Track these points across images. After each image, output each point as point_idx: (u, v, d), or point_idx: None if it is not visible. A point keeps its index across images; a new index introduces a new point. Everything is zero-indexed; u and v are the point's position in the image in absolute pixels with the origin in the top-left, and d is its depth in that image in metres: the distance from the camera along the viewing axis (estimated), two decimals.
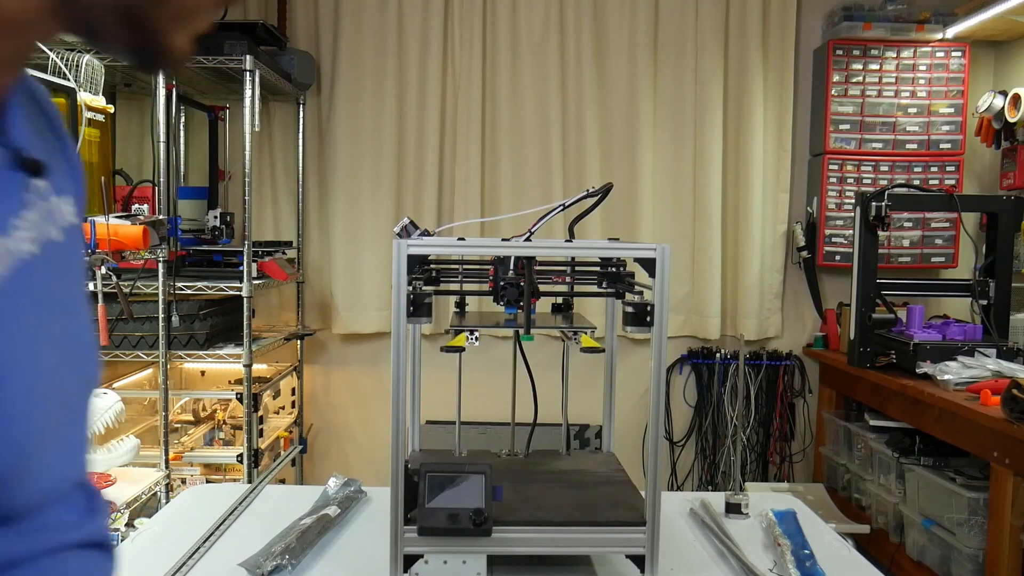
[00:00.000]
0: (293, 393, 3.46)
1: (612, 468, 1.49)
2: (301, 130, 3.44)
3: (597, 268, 1.41)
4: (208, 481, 2.86)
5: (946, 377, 2.57)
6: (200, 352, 2.74)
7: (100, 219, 1.92)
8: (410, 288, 1.17)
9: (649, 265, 1.16)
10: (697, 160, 3.47)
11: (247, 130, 2.71)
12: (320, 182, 3.51)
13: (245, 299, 2.73)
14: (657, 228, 3.49)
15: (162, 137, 2.50)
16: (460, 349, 1.31)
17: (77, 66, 2.08)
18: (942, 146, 3.45)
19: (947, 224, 3.47)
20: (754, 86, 3.44)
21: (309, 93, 3.44)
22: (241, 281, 2.73)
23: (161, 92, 2.49)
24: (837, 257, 3.47)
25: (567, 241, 1.32)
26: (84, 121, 1.98)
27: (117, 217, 2.04)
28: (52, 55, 1.99)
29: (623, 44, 3.42)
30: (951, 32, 3.36)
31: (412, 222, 1.35)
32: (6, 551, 0.55)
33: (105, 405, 2.28)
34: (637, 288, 1.24)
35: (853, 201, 3.38)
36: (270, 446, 3.08)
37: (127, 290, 2.29)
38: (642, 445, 3.44)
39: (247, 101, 2.68)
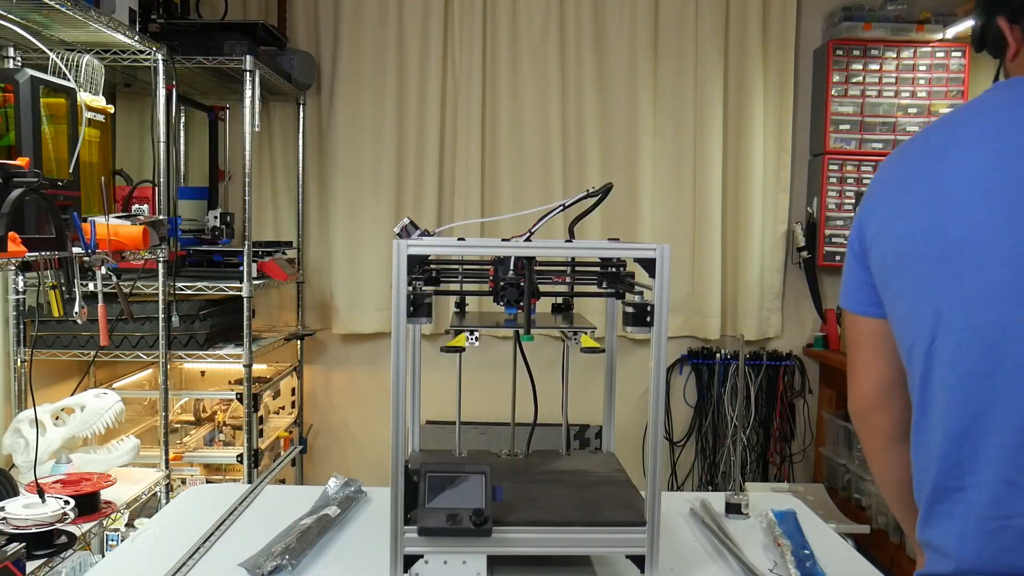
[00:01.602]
0: (293, 393, 3.46)
1: (612, 468, 1.49)
2: (301, 130, 3.44)
3: (597, 268, 1.41)
4: (208, 481, 2.86)
5: None
6: (200, 352, 2.74)
7: (100, 219, 1.92)
8: (410, 288, 1.16)
9: (649, 265, 1.16)
10: (697, 160, 3.47)
11: (247, 130, 2.71)
12: (320, 182, 3.51)
13: (245, 299, 2.73)
14: (657, 228, 3.49)
15: (162, 137, 2.50)
16: (460, 349, 1.31)
17: (77, 66, 2.08)
18: None
19: None
20: (754, 86, 3.44)
21: (309, 93, 3.44)
22: (241, 281, 2.73)
23: (161, 92, 2.49)
24: (837, 257, 3.47)
25: (567, 241, 1.32)
26: (84, 121, 1.98)
27: (117, 217, 2.04)
28: (52, 55, 1.99)
29: (623, 44, 3.42)
30: (951, 32, 3.36)
31: (412, 222, 1.35)
32: None
33: (105, 405, 2.28)
34: (637, 288, 1.24)
35: (853, 201, 3.39)
36: (270, 446, 3.08)
37: (127, 290, 2.29)
38: (642, 445, 3.44)
39: (247, 101, 2.68)
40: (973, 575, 0.96)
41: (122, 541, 1.83)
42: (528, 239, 1.28)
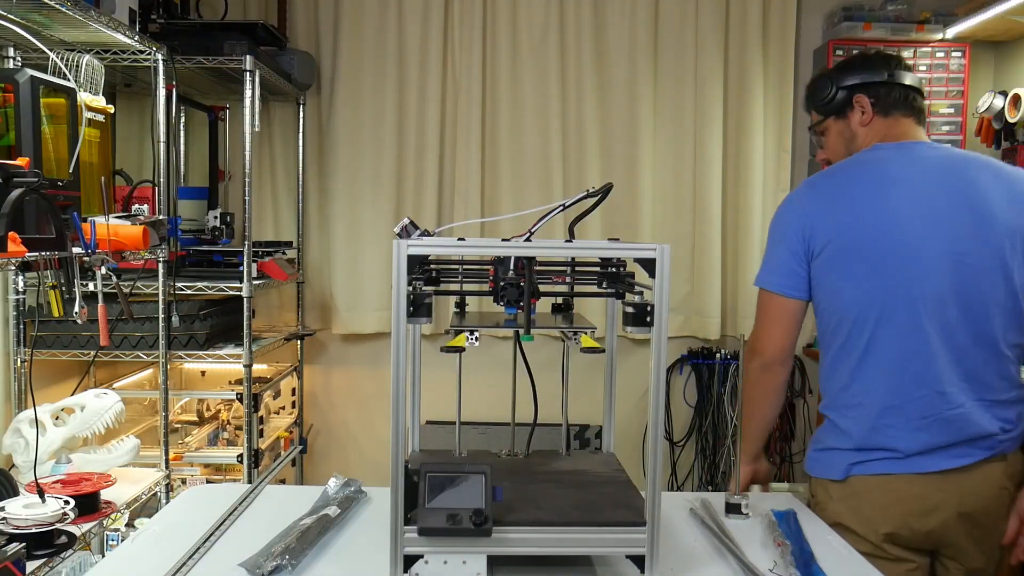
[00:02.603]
0: (293, 393, 3.46)
1: (612, 468, 1.49)
2: (301, 130, 3.44)
3: (597, 268, 1.41)
4: (208, 481, 2.86)
5: None
6: (200, 352, 2.74)
7: (100, 219, 1.92)
8: (410, 288, 1.16)
9: (649, 265, 1.16)
10: (697, 160, 3.46)
11: (247, 130, 2.71)
12: (320, 182, 3.51)
13: (245, 299, 2.73)
14: (657, 228, 3.49)
15: (162, 137, 2.50)
16: (460, 349, 1.31)
17: (77, 66, 2.08)
18: None
19: None
20: (754, 86, 3.44)
21: (309, 93, 3.45)
22: (241, 281, 2.73)
23: (161, 92, 2.49)
24: None
25: (567, 241, 1.32)
26: (84, 121, 1.98)
27: (117, 217, 2.04)
28: (52, 55, 1.99)
29: (623, 44, 3.42)
30: (951, 32, 3.36)
31: (412, 222, 1.35)
32: None
33: (105, 405, 2.28)
34: (637, 288, 1.24)
35: None
36: (270, 446, 3.08)
37: (127, 290, 2.29)
38: (642, 445, 3.44)
39: (247, 101, 2.68)
40: (913, 456, 1.57)
41: (122, 541, 1.83)
42: (528, 239, 1.28)
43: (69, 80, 1.99)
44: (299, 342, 3.47)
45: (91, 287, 1.89)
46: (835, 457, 1.63)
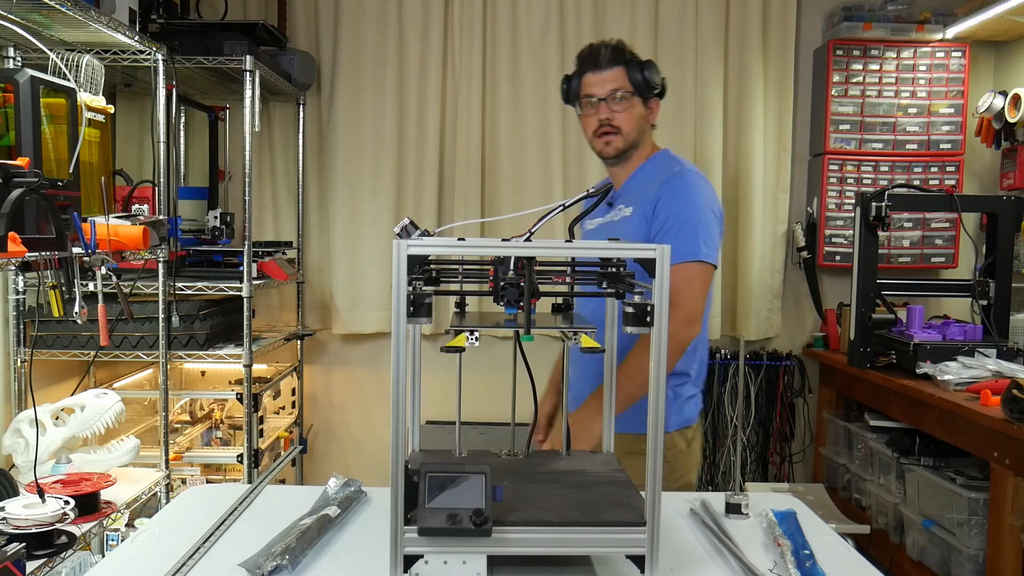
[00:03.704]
0: (293, 393, 3.46)
1: (612, 468, 1.49)
2: (301, 130, 3.44)
3: (597, 268, 1.41)
4: (208, 481, 2.86)
5: (946, 377, 2.57)
6: (200, 352, 2.74)
7: (100, 219, 1.92)
8: (410, 288, 1.16)
9: (649, 265, 1.16)
10: (697, 160, 3.46)
11: (247, 130, 2.71)
12: (320, 182, 3.51)
13: (245, 299, 2.73)
14: None
15: (162, 137, 2.50)
16: (460, 349, 1.31)
17: (77, 66, 2.08)
18: (942, 146, 3.45)
19: (947, 224, 3.47)
20: (754, 86, 3.44)
21: (309, 93, 3.45)
22: (241, 281, 2.73)
23: (161, 92, 2.49)
24: (837, 257, 3.47)
25: (567, 241, 1.32)
26: (84, 121, 1.98)
27: (117, 217, 2.04)
28: (52, 55, 1.99)
29: None
30: (951, 32, 3.36)
31: (412, 222, 1.35)
32: None
33: (105, 405, 2.28)
34: (637, 288, 1.24)
35: (853, 201, 3.39)
36: (270, 446, 3.08)
37: (127, 290, 2.29)
38: None
39: (247, 101, 2.68)
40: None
41: (122, 541, 1.83)
42: (528, 239, 1.28)
43: (69, 80, 1.99)
44: (299, 342, 3.47)
45: (91, 287, 1.89)
46: (693, 405, 2.11)
